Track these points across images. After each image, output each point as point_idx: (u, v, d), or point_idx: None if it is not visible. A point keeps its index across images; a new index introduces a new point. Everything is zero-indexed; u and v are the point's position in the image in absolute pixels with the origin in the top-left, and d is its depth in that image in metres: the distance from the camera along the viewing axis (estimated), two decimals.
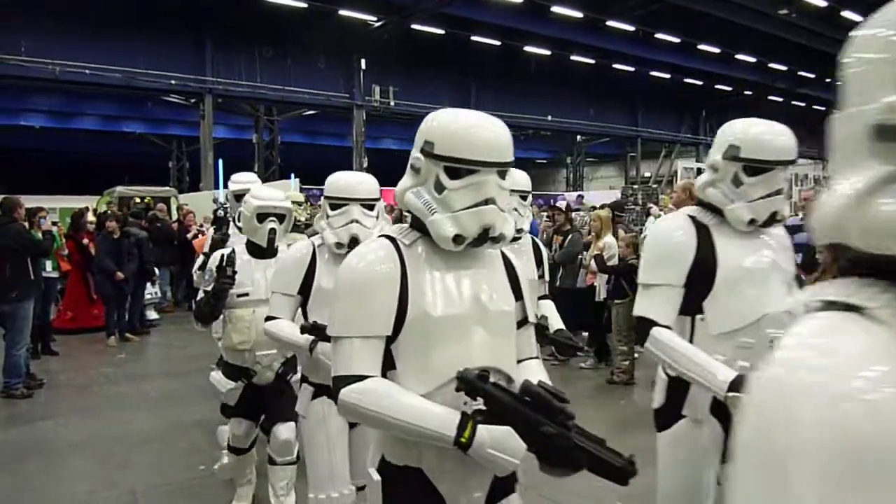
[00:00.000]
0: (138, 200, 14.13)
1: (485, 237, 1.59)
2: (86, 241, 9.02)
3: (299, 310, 2.82)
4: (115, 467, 4.63)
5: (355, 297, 1.60)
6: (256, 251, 3.40)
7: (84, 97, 21.08)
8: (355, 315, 1.59)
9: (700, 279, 2.15)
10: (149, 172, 21.43)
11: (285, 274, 2.78)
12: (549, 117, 28.02)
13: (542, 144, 33.19)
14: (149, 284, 10.13)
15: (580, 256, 7.32)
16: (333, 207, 2.75)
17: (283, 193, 3.61)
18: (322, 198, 2.86)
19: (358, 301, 1.59)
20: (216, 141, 20.64)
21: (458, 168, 1.58)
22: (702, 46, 25.74)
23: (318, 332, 2.52)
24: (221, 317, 3.44)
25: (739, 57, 27.14)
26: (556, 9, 21.26)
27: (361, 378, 1.55)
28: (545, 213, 9.50)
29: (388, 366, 1.62)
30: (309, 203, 7.39)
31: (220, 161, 18.30)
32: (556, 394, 1.51)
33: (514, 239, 3.56)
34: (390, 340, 1.61)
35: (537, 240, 3.73)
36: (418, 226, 1.67)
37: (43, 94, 20.24)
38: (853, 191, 0.69)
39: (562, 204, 8.77)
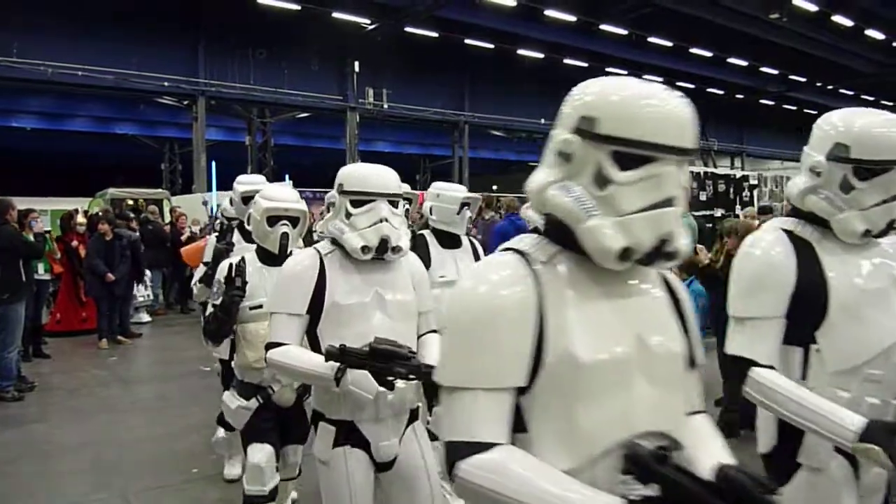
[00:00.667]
0: (131, 202, 14.08)
1: (660, 251, 1.18)
2: (75, 243, 8.99)
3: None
4: (108, 470, 4.61)
5: (477, 333, 1.18)
6: (268, 258, 3.03)
7: (76, 98, 20.98)
8: (477, 359, 1.18)
9: (807, 306, 1.82)
10: (141, 174, 21.34)
11: (288, 290, 2.33)
12: (543, 120, 28.05)
13: (535, 147, 33.19)
14: (141, 287, 10.10)
15: None
16: (356, 204, 2.34)
17: (296, 194, 3.25)
18: (336, 194, 2.41)
19: (481, 340, 1.17)
20: (209, 143, 20.59)
21: (633, 154, 1.15)
22: (694, 50, 25.89)
23: (348, 357, 2.10)
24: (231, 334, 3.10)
25: (731, 61, 27.32)
26: (549, 12, 21.33)
27: (487, 446, 1.14)
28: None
29: (516, 428, 1.20)
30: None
31: (214, 163, 18.23)
32: (759, 481, 1.04)
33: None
34: (520, 393, 1.19)
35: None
36: (558, 236, 1.25)
37: (35, 95, 20.12)
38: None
39: None
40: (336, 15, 20.17)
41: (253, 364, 2.96)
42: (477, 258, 3.83)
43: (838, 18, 23.23)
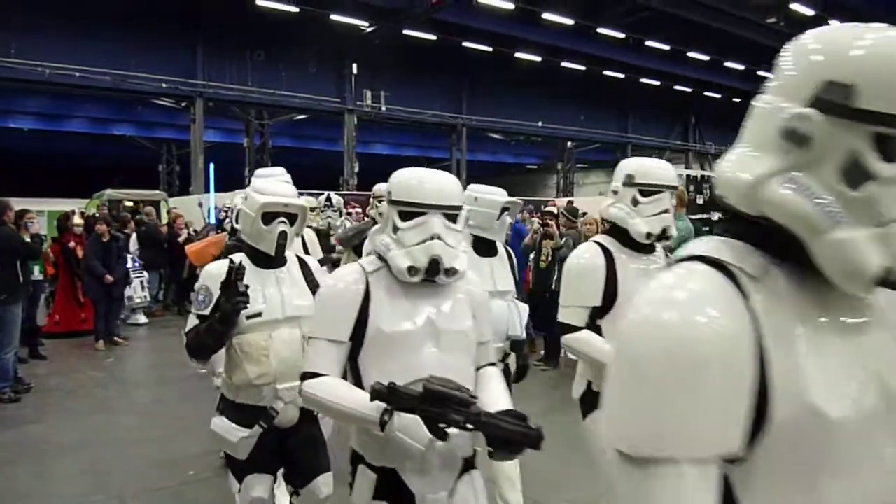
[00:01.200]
0: (128, 203, 14.08)
1: None
2: (72, 244, 8.98)
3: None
4: (105, 471, 4.61)
5: (676, 381, 0.84)
6: (262, 259, 2.65)
7: (74, 99, 21.01)
8: (680, 417, 0.84)
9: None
10: (139, 176, 21.34)
11: (329, 312, 2.00)
12: (540, 123, 28.13)
13: (533, 150, 33.30)
14: (138, 287, 10.09)
15: None
16: (405, 217, 1.99)
17: (292, 186, 2.88)
18: (387, 203, 2.09)
19: (682, 389, 0.84)
20: (207, 144, 20.59)
21: None
22: (691, 54, 25.98)
23: (397, 398, 1.78)
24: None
25: (728, 64, 27.42)
26: (547, 15, 21.40)
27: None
28: (535, 219, 9.54)
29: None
30: (321, 209, 6.45)
31: (212, 165, 18.24)
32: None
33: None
34: (729, 462, 0.90)
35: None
36: (769, 242, 0.93)
37: (32, 96, 20.14)
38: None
39: (552, 209, 8.81)
40: (334, 17, 20.21)
41: (254, 381, 2.53)
42: (512, 269, 3.53)
43: (835, 22, 23.20)
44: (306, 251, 4.63)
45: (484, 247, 3.40)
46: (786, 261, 0.90)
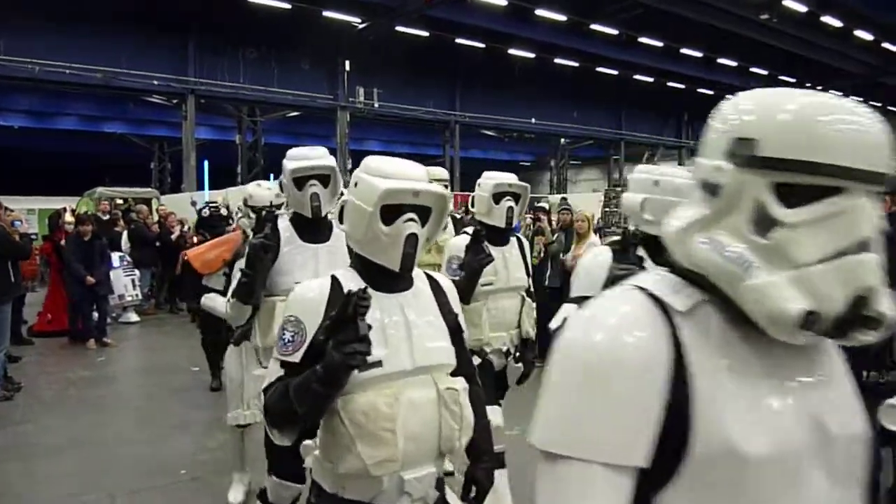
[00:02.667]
0: (120, 201, 14.01)
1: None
2: (64, 241, 8.92)
3: None
4: (96, 471, 4.57)
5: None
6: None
7: (64, 97, 20.85)
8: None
9: None
10: (130, 173, 21.23)
11: (603, 403, 0.93)
12: (534, 120, 28.14)
13: (527, 147, 33.30)
14: (129, 285, 10.02)
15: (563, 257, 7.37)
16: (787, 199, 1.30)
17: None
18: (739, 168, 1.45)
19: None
20: (199, 142, 20.51)
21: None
22: (684, 51, 26.02)
23: None
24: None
25: (721, 61, 27.47)
26: (540, 12, 21.39)
27: None
28: (528, 215, 9.55)
29: None
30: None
31: (206, 162, 18.16)
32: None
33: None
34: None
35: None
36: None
37: (22, 93, 20.00)
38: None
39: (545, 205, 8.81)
40: (327, 14, 20.14)
41: (372, 470, 1.61)
42: (524, 261, 3.41)
43: (827, 19, 23.39)
44: None
45: (493, 235, 3.14)
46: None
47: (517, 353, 3.37)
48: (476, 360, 2.85)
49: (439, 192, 1.74)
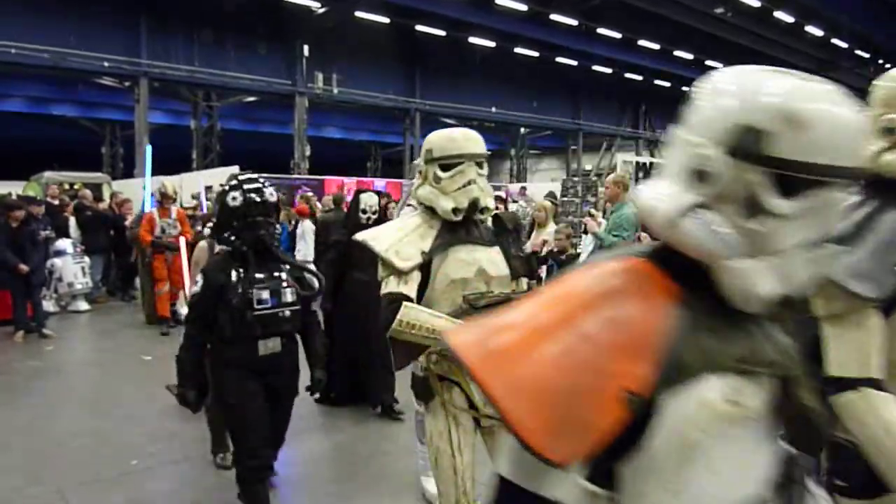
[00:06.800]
0: (67, 187, 13.59)
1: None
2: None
3: None
4: (42, 463, 4.44)
5: None
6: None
7: (10, 78, 20.11)
8: None
9: None
10: (80, 158, 20.62)
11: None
12: (494, 109, 28.20)
13: (487, 136, 33.00)
14: (79, 273, 9.73)
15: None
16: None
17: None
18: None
19: None
20: (152, 126, 20.01)
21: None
22: (642, 42, 26.33)
23: None
24: None
25: (678, 54, 27.89)
26: (500, 1, 21.39)
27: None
28: None
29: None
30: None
31: (149, 147, 17.67)
32: None
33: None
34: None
35: None
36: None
37: None
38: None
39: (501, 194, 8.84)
40: None
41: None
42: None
43: (780, 14, 23.95)
44: None
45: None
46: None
47: None
48: None
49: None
